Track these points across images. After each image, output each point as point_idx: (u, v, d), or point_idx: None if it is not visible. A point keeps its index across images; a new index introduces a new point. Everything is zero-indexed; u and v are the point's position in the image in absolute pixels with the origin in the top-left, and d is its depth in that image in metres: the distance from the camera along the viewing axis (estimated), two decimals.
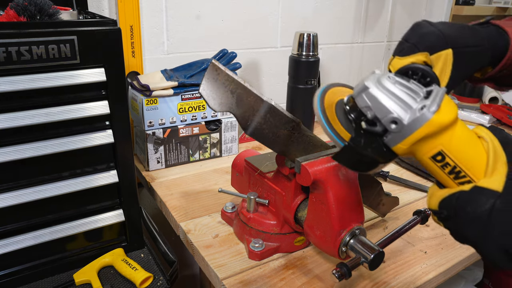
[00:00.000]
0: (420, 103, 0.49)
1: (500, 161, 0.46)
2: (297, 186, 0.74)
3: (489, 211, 0.44)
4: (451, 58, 0.58)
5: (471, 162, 0.48)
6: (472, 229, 0.46)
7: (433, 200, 0.50)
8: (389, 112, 0.49)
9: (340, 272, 0.60)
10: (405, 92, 0.50)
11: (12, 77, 0.65)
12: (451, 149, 0.48)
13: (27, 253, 0.76)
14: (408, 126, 0.48)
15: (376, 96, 0.50)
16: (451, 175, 0.49)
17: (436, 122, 0.47)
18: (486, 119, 1.72)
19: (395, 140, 0.50)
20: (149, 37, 1.26)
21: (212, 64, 0.65)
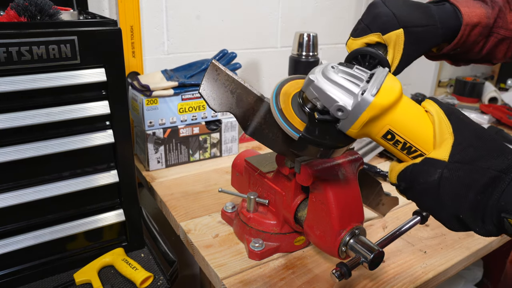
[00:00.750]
0: (362, 88, 0.51)
1: (446, 132, 0.49)
2: (297, 186, 0.74)
3: (438, 180, 0.47)
4: (402, 37, 0.61)
5: (420, 137, 0.51)
6: (426, 198, 0.49)
7: (392, 175, 0.53)
8: (334, 101, 0.52)
9: (340, 272, 0.60)
10: (348, 79, 0.53)
11: (13, 77, 0.66)
12: (398, 127, 0.51)
13: (27, 253, 0.76)
14: (352, 112, 0.51)
15: (321, 87, 0.53)
16: (404, 151, 0.52)
17: (377, 104, 0.50)
18: (485, 119, 1.72)
19: (345, 126, 0.53)
20: (149, 37, 1.26)
21: (212, 64, 0.65)
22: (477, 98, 2.00)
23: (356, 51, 0.63)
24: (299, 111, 0.60)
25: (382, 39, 0.62)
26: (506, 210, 0.43)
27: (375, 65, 0.62)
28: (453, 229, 0.51)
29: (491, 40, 0.67)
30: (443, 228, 0.92)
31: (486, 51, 0.69)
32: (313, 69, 0.56)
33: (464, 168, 0.46)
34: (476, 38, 0.66)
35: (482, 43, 0.67)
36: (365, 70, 0.55)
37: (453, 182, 0.46)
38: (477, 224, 0.47)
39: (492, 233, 0.47)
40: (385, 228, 0.91)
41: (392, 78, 0.52)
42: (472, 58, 0.72)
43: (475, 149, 0.47)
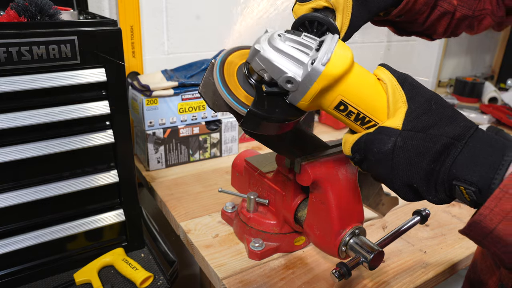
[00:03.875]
0: (312, 57, 0.48)
1: (399, 100, 0.48)
2: (297, 186, 0.74)
3: (392, 149, 0.46)
4: (350, 1, 0.58)
5: (373, 107, 0.49)
6: (381, 168, 0.48)
7: (346, 147, 0.51)
8: (283, 72, 0.49)
9: (340, 272, 0.60)
10: (297, 48, 0.50)
11: (13, 77, 0.66)
12: (351, 97, 0.49)
13: (27, 253, 0.76)
14: (302, 83, 0.49)
15: (268, 57, 0.50)
16: (357, 121, 0.50)
17: (328, 74, 0.47)
18: (485, 119, 1.72)
19: (296, 98, 0.51)
20: (149, 37, 1.26)
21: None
22: (477, 98, 2.00)
23: (303, 17, 0.59)
24: (244, 83, 0.56)
25: (330, 4, 0.59)
26: (457, 177, 0.43)
27: (323, 32, 0.58)
28: (406, 198, 0.50)
29: (435, 12, 0.68)
30: (443, 228, 0.92)
31: (429, 23, 0.69)
32: (258, 38, 0.53)
33: (417, 136, 0.45)
34: (422, 7, 0.65)
35: (426, 14, 0.68)
36: (314, 37, 0.52)
37: (406, 150, 0.46)
38: (430, 193, 0.46)
39: (444, 201, 0.47)
40: (385, 228, 0.91)
41: (343, 46, 0.49)
42: (415, 29, 0.72)
43: (428, 117, 0.46)
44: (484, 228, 0.41)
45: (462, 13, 0.69)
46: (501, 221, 0.40)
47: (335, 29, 0.58)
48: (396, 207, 0.95)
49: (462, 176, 0.43)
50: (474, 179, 0.42)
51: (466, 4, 0.70)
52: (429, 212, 0.74)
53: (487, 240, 0.42)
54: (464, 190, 0.43)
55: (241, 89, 0.56)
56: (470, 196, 0.43)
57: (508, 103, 1.86)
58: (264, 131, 0.56)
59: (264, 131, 0.56)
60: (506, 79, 2.19)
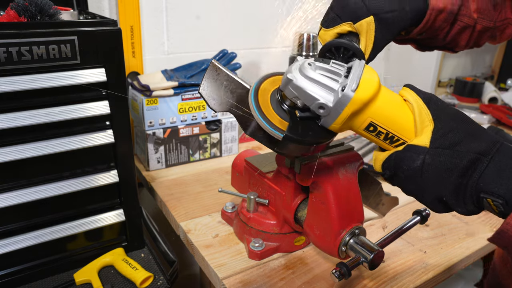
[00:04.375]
0: (341, 84, 0.52)
1: (426, 119, 0.50)
2: (297, 186, 0.74)
3: (421, 166, 0.49)
4: (373, 25, 0.61)
5: (401, 126, 0.52)
6: (410, 184, 0.51)
7: (377, 164, 0.54)
8: (315, 99, 0.52)
9: (340, 272, 0.60)
10: (326, 75, 0.53)
11: (13, 77, 0.66)
12: (379, 118, 0.52)
13: (27, 253, 0.76)
14: (334, 108, 0.52)
15: (300, 86, 0.53)
16: (386, 140, 0.53)
17: (358, 99, 0.50)
18: (485, 119, 1.72)
19: (328, 122, 0.54)
20: (149, 37, 1.26)
21: (212, 64, 0.65)
22: (477, 98, 2.00)
23: (329, 44, 0.62)
24: (277, 109, 0.60)
25: (354, 28, 0.62)
26: (484, 190, 0.46)
27: (350, 56, 0.62)
28: (437, 211, 0.53)
29: (455, 27, 0.69)
30: (443, 228, 0.92)
31: (450, 37, 0.70)
32: (289, 67, 0.56)
33: (444, 153, 0.48)
34: (441, 24, 0.67)
35: (446, 30, 0.69)
36: (341, 64, 0.55)
37: (435, 166, 0.48)
38: (459, 205, 0.49)
39: (473, 212, 0.49)
40: (385, 228, 0.91)
41: (370, 71, 0.53)
42: (436, 44, 0.73)
43: (454, 134, 0.48)
44: (511, 237, 0.44)
45: (483, 25, 0.70)
46: None
47: (360, 53, 0.61)
48: (396, 207, 0.95)
49: (489, 189, 0.46)
50: (501, 191, 0.45)
51: (486, 16, 0.70)
52: (429, 212, 0.74)
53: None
54: (492, 202, 0.46)
55: (275, 115, 0.59)
56: (498, 207, 0.46)
57: (508, 103, 1.86)
58: (297, 152, 0.60)
59: (297, 153, 0.60)
60: (506, 79, 2.19)
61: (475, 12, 0.68)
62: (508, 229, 0.44)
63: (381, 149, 0.56)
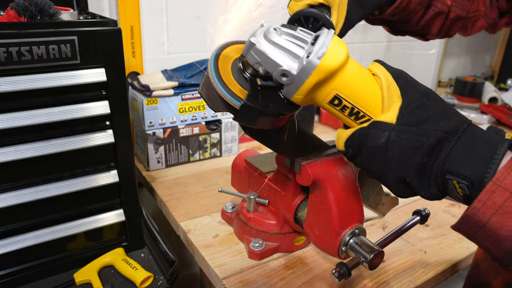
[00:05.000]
0: (307, 51, 0.48)
1: (394, 95, 0.48)
2: (297, 186, 0.74)
3: (385, 143, 0.46)
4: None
5: (367, 101, 0.49)
6: (374, 162, 0.48)
7: (340, 142, 0.51)
8: (278, 65, 0.49)
9: (340, 272, 0.60)
10: (292, 41, 0.50)
11: (13, 77, 0.66)
12: (345, 91, 0.49)
13: (27, 253, 0.76)
14: (298, 76, 0.49)
15: (264, 50, 0.50)
16: (351, 116, 0.50)
17: (324, 68, 0.47)
18: (485, 119, 1.72)
19: (290, 92, 0.51)
20: (149, 37, 1.26)
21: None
22: (477, 98, 2.00)
23: (298, 13, 0.59)
24: (239, 77, 0.56)
25: (325, 0, 0.59)
26: (450, 171, 0.43)
27: (319, 28, 0.58)
28: (400, 194, 0.50)
29: (429, 12, 0.68)
30: (443, 228, 0.92)
31: (423, 23, 0.69)
32: (254, 32, 0.53)
33: (411, 130, 0.46)
34: (416, 7, 0.66)
35: (420, 13, 0.68)
36: (309, 32, 0.52)
37: (400, 144, 0.46)
38: (423, 188, 0.47)
39: (437, 196, 0.47)
40: (385, 228, 0.91)
41: (338, 40, 0.50)
42: (409, 29, 0.72)
43: (422, 112, 0.46)
44: (477, 222, 0.42)
45: (456, 13, 0.70)
46: (493, 214, 0.40)
47: (330, 25, 0.58)
48: (396, 207, 0.95)
49: (455, 170, 0.43)
50: (467, 173, 0.42)
51: (460, 5, 0.70)
52: (429, 212, 0.74)
53: (479, 234, 0.42)
54: (457, 184, 0.43)
55: (236, 83, 0.55)
56: (463, 190, 0.43)
57: (508, 103, 1.86)
58: (258, 125, 0.56)
59: (258, 125, 0.56)
60: (506, 79, 2.19)
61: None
62: (474, 213, 0.41)
63: (345, 127, 0.53)
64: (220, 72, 0.55)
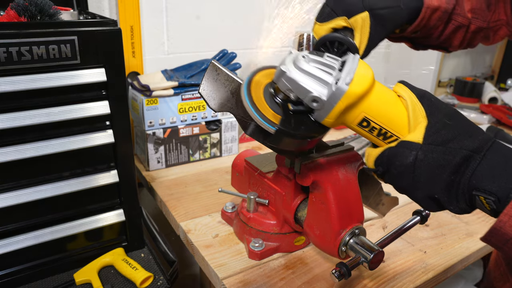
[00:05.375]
0: (336, 77, 0.51)
1: (419, 115, 0.50)
2: (297, 186, 0.74)
3: (413, 162, 0.49)
4: (368, 20, 0.61)
5: (394, 122, 0.52)
6: (403, 180, 0.50)
7: (369, 160, 0.54)
8: (309, 92, 0.52)
9: (340, 272, 0.60)
10: (320, 68, 0.53)
11: (13, 77, 0.66)
12: (373, 114, 0.52)
13: (27, 253, 0.76)
14: (328, 102, 0.51)
15: (294, 78, 0.53)
16: (380, 136, 0.53)
17: (352, 93, 0.50)
18: (485, 119, 1.72)
19: (321, 116, 0.53)
20: (149, 37, 1.26)
21: (212, 64, 0.65)
22: (477, 98, 2.00)
23: (324, 38, 0.62)
24: (271, 102, 0.58)
25: (348, 23, 0.62)
26: (477, 188, 0.46)
27: (344, 51, 0.61)
28: (428, 208, 0.52)
29: (449, 26, 0.69)
30: (443, 228, 0.92)
31: (444, 37, 0.70)
32: (283, 59, 0.55)
33: (437, 149, 0.48)
34: (436, 23, 0.67)
35: (441, 28, 0.69)
36: (335, 57, 0.55)
37: (427, 163, 0.48)
38: (451, 203, 0.49)
39: (466, 210, 0.49)
40: (385, 228, 0.91)
41: (364, 65, 0.52)
42: (430, 43, 0.73)
43: (447, 131, 0.48)
44: (504, 235, 0.44)
45: (477, 25, 0.70)
46: None
47: (355, 48, 0.61)
48: (396, 207, 0.95)
49: (481, 187, 0.45)
50: (493, 189, 0.45)
51: (480, 16, 0.70)
52: (429, 212, 0.74)
53: (507, 246, 0.44)
54: (484, 199, 0.45)
55: (269, 108, 0.58)
56: (490, 205, 0.45)
57: (508, 103, 1.86)
58: (290, 147, 0.59)
59: (290, 147, 0.59)
60: (506, 79, 2.19)
61: (469, 12, 0.69)
62: (501, 226, 0.43)
63: (373, 146, 0.55)
64: (253, 97, 0.58)
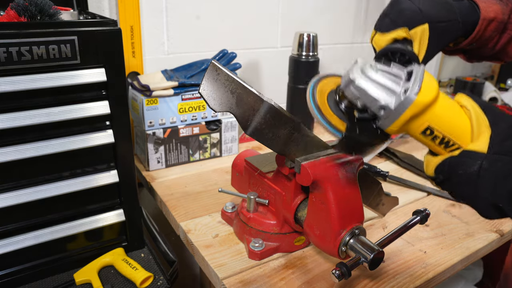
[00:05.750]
0: (403, 86, 0.53)
1: (483, 125, 0.51)
2: (297, 186, 0.74)
3: (478, 171, 0.49)
4: (427, 32, 0.62)
5: (457, 131, 0.53)
6: (465, 189, 0.51)
7: (429, 168, 0.55)
8: (376, 100, 0.53)
9: (340, 272, 0.60)
10: (388, 78, 0.54)
11: (13, 77, 0.66)
12: (437, 123, 0.53)
13: (27, 253, 0.76)
14: (395, 110, 0.53)
15: (362, 87, 0.54)
16: (442, 145, 0.54)
17: (420, 103, 0.51)
18: None
19: (386, 124, 0.55)
20: (149, 37, 1.26)
21: (212, 64, 0.65)
22: None
23: (387, 49, 0.64)
24: (335, 109, 0.61)
25: (409, 34, 0.63)
26: None
27: (404, 62, 0.63)
28: (489, 216, 0.53)
29: (504, 36, 0.69)
30: (443, 228, 0.92)
31: (500, 47, 0.71)
32: (350, 68, 0.57)
33: (503, 159, 0.48)
34: (491, 34, 0.68)
35: (496, 39, 0.70)
36: (401, 67, 0.56)
37: (493, 172, 0.48)
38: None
39: None
40: (385, 228, 0.91)
41: (430, 76, 0.53)
42: (485, 54, 0.74)
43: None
44: None
45: None
46: None
47: (416, 59, 0.63)
48: (396, 207, 0.95)
49: None
50: None
51: None
52: (429, 212, 0.74)
53: None
54: None
55: (334, 115, 0.61)
56: None
57: (508, 103, 1.86)
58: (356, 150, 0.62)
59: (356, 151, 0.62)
60: (506, 79, 2.18)
61: None
62: None
63: (431, 153, 0.56)
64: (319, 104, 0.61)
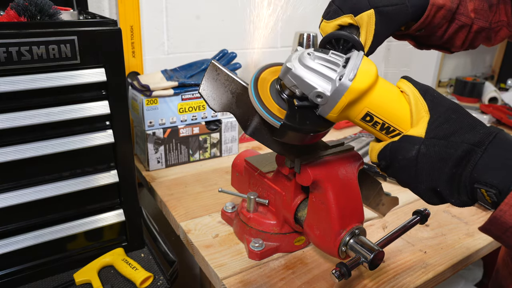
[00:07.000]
0: (339, 73, 0.53)
1: (422, 110, 0.51)
2: (297, 186, 0.74)
3: (416, 156, 0.50)
4: (373, 18, 0.62)
5: (397, 117, 0.53)
6: (405, 174, 0.52)
7: (373, 154, 0.55)
8: (313, 88, 0.54)
9: (340, 272, 0.60)
10: (325, 65, 0.54)
11: (13, 77, 0.66)
12: (376, 109, 0.53)
13: (27, 253, 0.76)
14: (331, 97, 0.53)
15: (299, 74, 0.55)
16: (383, 131, 0.54)
17: (355, 89, 0.52)
18: (485, 119, 1.72)
19: (325, 111, 0.55)
20: (149, 37, 1.26)
21: (212, 64, 0.65)
22: (477, 98, 1.99)
23: (330, 35, 0.64)
24: (277, 98, 0.61)
25: (354, 20, 0.63)
26: (478, 181, 0.46)
27: (349, 48, 0.63)
28: (430, 202, 0.53)
29: (452, 25, 0.70)
30: (443, 228, 0.92)
31: (448, 36, 0.71)
32: (289, 57, 0.57)
33: (439, 143, 0.49)
34: (440, 21, 0.68)
35: (444, 27, 0.70)
36: (340, 54, 0.56)
37: (430, 157, 0.49)
38: (453, 196, 0.50)
39: (467, 203, 0.50)
40: (385, 228, 0.91)
41: (368, 62, 0.53)
42: (434, 42, 0.74)
43: (449, 125, 0.49)
44: (503, 223, 0.44)
45: (479, 25, 0.71)
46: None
47: (360, 45, 0.62)
48: (396, 207, 0.95)
49: (483, 180, 0.46)
50: (495, 182, 0.45)
51: (482, 16, 0.71)
52: (429, 212, 0.74)
53: (506, 234, 0.45)
54: (485, 192, 0.46)
55: (275, 104, 0.61)
56: (491, 198, 0.46)
57: (508, 103, 1.86)
58: (294, 141, 0.61)
59: (294, 141, 0.61)
60: (506, 79, 2.18)
61: (472, 12, 0.69)
62: (501, 215, 0.44)
63: (377, 140, 0.57)
64: (260, 93, 0.61)
